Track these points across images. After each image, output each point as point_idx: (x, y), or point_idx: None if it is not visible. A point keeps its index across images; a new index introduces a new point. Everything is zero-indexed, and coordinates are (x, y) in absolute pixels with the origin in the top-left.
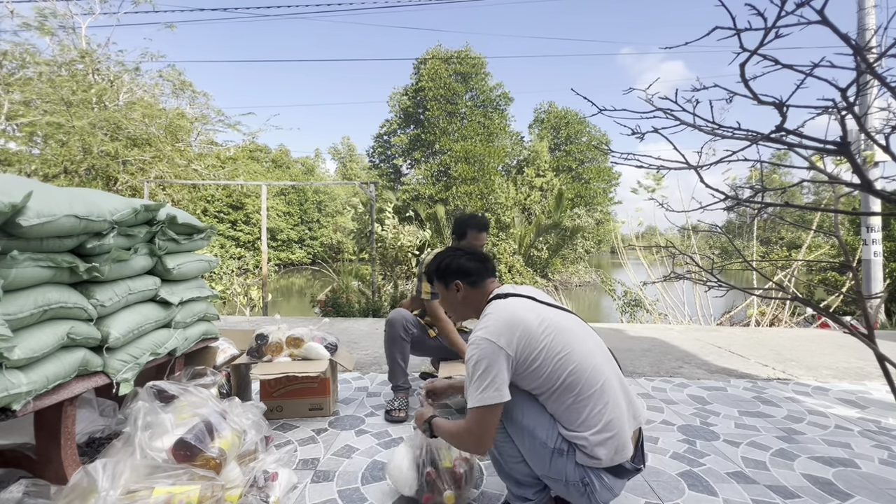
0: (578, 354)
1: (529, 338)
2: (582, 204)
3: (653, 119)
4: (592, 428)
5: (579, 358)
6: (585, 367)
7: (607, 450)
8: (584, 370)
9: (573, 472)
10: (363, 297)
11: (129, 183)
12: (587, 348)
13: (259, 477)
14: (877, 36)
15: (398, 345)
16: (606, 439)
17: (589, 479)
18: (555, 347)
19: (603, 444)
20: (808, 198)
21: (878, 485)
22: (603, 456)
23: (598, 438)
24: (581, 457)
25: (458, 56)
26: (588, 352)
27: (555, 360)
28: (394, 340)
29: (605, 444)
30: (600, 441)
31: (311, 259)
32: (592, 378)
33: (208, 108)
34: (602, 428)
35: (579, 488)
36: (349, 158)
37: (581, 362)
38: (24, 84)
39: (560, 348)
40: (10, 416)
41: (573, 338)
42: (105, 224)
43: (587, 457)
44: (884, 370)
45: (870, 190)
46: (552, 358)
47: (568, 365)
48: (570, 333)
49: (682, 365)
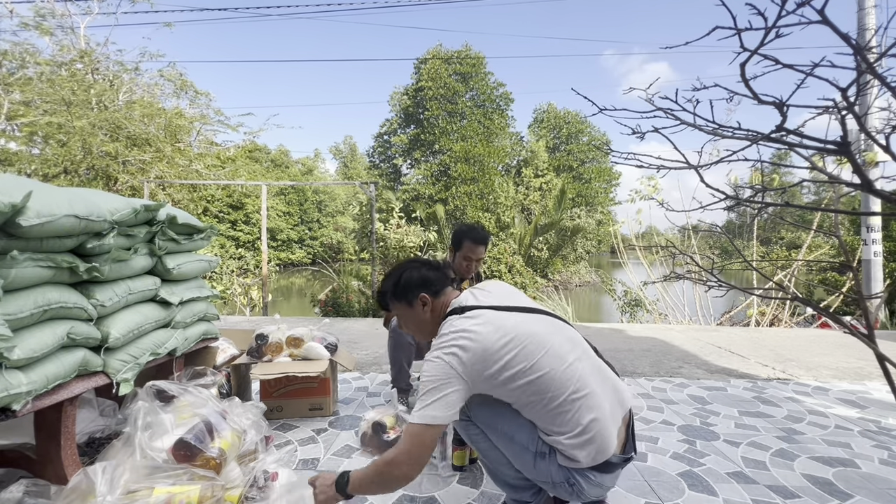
0: (547, 361)
1: (489, 355)
2: (583, 204)
3: (653, 119)
4: (569, 432)
5: (548, 365)
6: (556, 373)
7: (586, 451)
8: (555, 377)
9: (557, 474)
10: (363, 297)
11: (129, 183)
12: (557, 351)
13: (259, 477)
14: (877, 36)
15: (405, 350)
16: (585, 441)
17: (574, 479)
18: (518, 362)
19: (581, 447)
20: (808, 198)
21: (878, 485)
22: (582, 458)
23: (576, 441)
24: (561, 458)
25: (457, 56)
26: (558, 355)
27: (519, 375)
28: (400, 346)
29: (583, 446)
30: (578, 444)
31: (311, 259)
32: (565, 382)
33: (208, 108)
34: (581, 431)
35: (566, 488)
36: (351, 158)
37: (551, 369)
38: (23, 84)
39: (524, 361)
40: (10, 416)
41: (539, 346)
42: (105, 224)
43: (567, 458)
44: (884, 370)
45: (870, 190)
46: (516, 374)
47: (535, 376)
48: (535, 342)
49: (682, 365)
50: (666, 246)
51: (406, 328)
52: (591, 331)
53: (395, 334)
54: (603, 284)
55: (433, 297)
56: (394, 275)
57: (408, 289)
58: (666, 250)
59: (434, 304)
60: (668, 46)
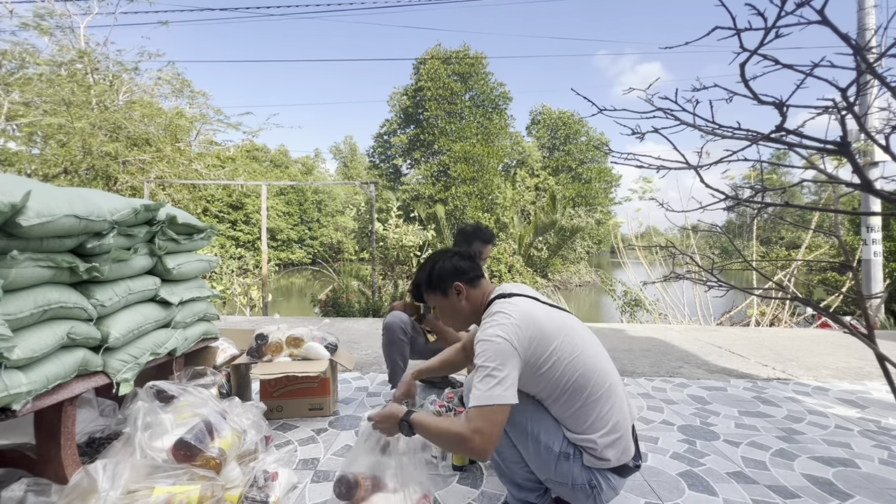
0: (587, 356)
1: (542, 339)
2: (583, 204)
3: (652, 119)
4: (601, 430)
5: (589, 360)
6: (595, 369)
7: (616, 451)
8: (594, 372)
9: (580, 475)
10: (363, 297)
11: (129, 183)
12: (593, 350)
13: (259, 477)
14: (877, 36)
15: (398, 346)
16: (615, 440)
17: (596, 482)
18: (566, 349)
19: (612, 446)
20: (808, 198)
21: (878, 485)
22: (612, 457)
23: (608, 440)
24: (589, 459)
25: (457, 56)
26: (594, 353)
27: (566, 362)
28: (393, 343)
29: (613, 445)
30: (609, 443)
31: (311, 259)
32: (601, 379)
33: (207, 107)
34: (611, 429)
35: (586, 491)
36: (351, 158)
37: (590, 364)
38: (23, 84)
39: (571, 350)
40: (10, 416)
41: (581, 340)
42: (105, 224)
43: (596, 459)
44: (884, 370)
45: (870, 190)
46: (563, 360)
47: (579, 367)
48: (578, 335)
49: (682, 365)
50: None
51: (443, 318)
52: (591, 331)
53: (387, 331)
54: (603, 284)
55: (468, 286)
56: (426, 266)
57: (442, 278)
58: (666, 250)
59: (469, 293)
60: (668, 46)
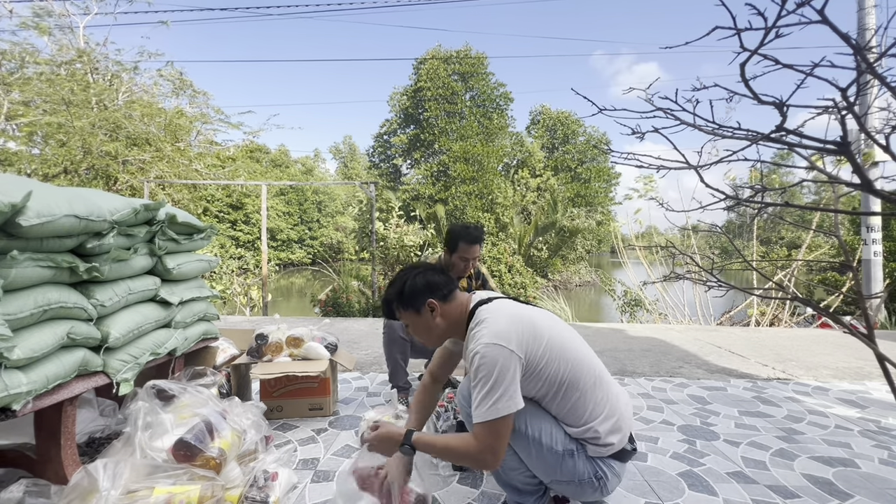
0: (573, 347)
1: (535, 336)
2: (582, 204)
3: (652, 119)
4: (599, 416)
5: (576, 350)
6: (582, 358)
7: (617, 435)
8: (582, 361)
9: (585, 470)
10: (363, 297)
11: (129, 183)
12: (576, 341)
13: (259, 477)
14: (877, 36)
15: (398, 345)
16: (615, 424)
17: (602, 472)
18: (556, 342)
19: (613, 430)
20: (808, 198)
21: (878, 485)
22: (616, 441)
23: (608, 426)
24: (593, 449)
25: (457, 56)
26: (577, 344)
27: (558, 355)
28: (394, 341)
29: (614, 429)
30: (610, 428)
31: (311, 259)
32: (590, 367)
33: (208, 107)
34: (608, 414)
35: (593, 484)
36: (351, 158)
37: (578, 354)
38: (23, 84)
39: (560, 342)
40: (10, 416)
41: (565, 331)
42: (105, 224)
43: (600, 447)
44: (884, 370)
45: (870, 190)
46: (556, 354)
47: (570, 358)
48: (560, 327)
49: (682, 365)
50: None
51: (416, 335)
52: (591, 331)
53: (388, 329)
54: (603, 284)
55: (442, 303)
56: (397, 282)
57: (414, 295)
58: (666, 250)
59: (444, 309)
60: (668, 46)
